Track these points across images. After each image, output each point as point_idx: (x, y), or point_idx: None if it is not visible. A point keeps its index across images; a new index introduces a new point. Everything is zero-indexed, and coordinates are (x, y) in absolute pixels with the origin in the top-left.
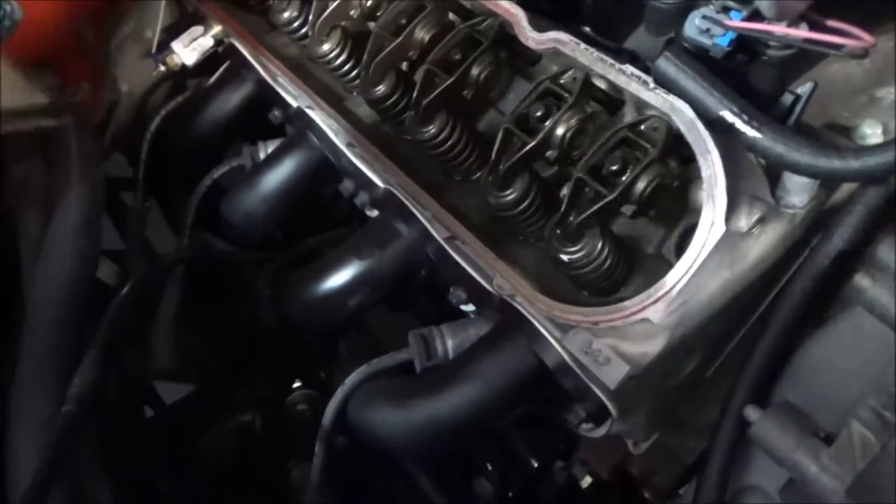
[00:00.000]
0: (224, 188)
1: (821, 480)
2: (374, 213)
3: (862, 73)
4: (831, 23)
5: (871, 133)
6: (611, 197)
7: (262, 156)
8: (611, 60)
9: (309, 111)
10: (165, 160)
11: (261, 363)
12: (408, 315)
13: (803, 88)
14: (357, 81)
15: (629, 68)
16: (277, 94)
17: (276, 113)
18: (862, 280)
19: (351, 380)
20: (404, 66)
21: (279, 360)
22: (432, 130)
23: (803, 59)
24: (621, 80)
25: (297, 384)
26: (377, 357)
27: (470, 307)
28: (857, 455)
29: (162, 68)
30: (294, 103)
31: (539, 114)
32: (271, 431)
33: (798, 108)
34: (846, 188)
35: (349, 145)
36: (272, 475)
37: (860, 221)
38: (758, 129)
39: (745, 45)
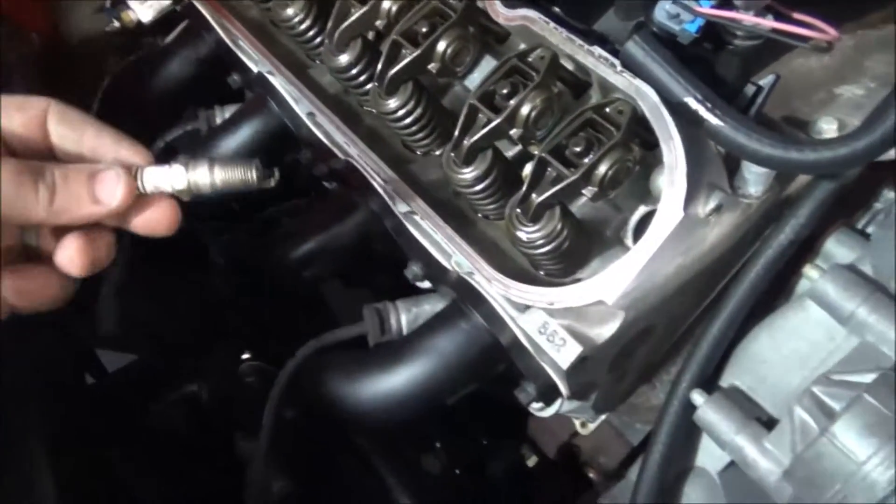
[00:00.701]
0: (178, 153)
1: (760, 464)
2: (332, 184)
3: (822, 70)
4: (797, 16)
5: (828, 128)
6: (572, 178)
7: (218, 120)
8: (579, 41)
9: (270, 77)
10: (117, 122)
11: (213, 334)
12: (365, 290)
13: (765, 80)
14: (321, 49)
15: (597, 50)
16: (237, 57)
17: (236, 77)
18: (810, 271)
19: (302, 352)
20: (370, 35)
21: (232, 332)
22: (396, 103)
23: (767, 51)
24: (589, 62)
25: (245, 356)
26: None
27: (426, 284)
28: (797, 440)
29: (116, 24)
30: (255, 68)
31: (505, 91)
32: (219, 403)
33: (759, 100)
34: (800, 181)
35: (310, 114)
36: (221, 447)
37: (811, 213)
38: (720, 118)
39: (713, 33)
